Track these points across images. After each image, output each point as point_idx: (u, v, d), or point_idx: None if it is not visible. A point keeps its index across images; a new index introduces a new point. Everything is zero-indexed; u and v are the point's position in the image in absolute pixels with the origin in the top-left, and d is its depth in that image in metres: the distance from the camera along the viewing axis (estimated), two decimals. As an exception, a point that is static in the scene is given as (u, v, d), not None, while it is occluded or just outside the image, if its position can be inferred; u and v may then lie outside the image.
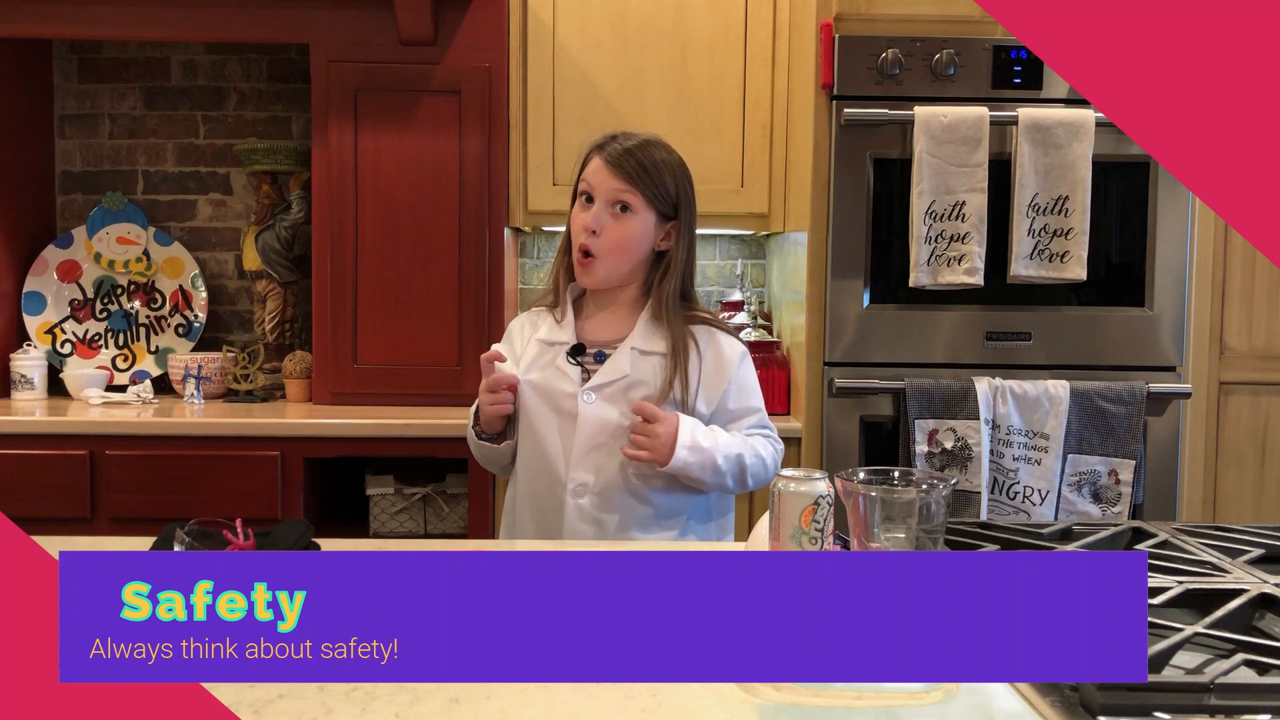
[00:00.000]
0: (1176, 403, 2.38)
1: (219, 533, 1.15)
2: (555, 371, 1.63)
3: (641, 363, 1.63)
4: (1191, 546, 1.29)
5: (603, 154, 1.62)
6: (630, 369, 1.61)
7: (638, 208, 1.61)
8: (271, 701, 0.87)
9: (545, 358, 1.65)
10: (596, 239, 1.60)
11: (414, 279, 2.63)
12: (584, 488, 1.60)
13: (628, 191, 1.60)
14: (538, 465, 1.63)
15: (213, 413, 2.55)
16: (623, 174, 1.59)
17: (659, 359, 1.63)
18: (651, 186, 1.61)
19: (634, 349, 1.63)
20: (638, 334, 1.64)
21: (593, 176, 1.62)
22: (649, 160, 1.61)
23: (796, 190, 2.57)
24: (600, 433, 1.60)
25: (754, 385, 1.72)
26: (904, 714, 0.86)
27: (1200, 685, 0.83)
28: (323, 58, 2.61)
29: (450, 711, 0.85)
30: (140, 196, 3.00)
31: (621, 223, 1.61)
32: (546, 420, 1.62)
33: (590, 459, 1.60)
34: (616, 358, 1.63)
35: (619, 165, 1.60)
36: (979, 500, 2.27)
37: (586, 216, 1.61)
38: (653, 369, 1.63)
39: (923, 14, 2.36)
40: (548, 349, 1.65)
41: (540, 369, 1.64)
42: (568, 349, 1.64)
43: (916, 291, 2.33)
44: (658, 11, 2.71)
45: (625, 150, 1.61)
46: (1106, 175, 2.36)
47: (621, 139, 1.64)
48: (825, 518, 1.15)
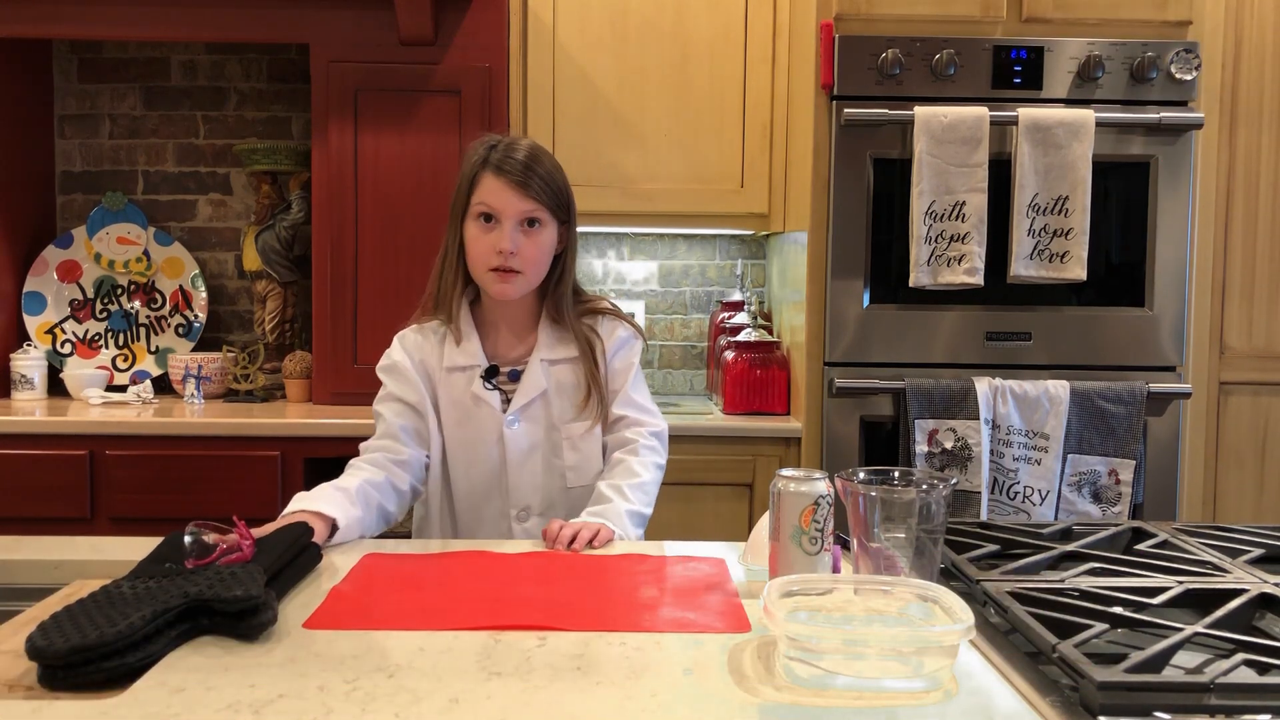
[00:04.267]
0: (1176, 403, 2.38)
1: (225, 530, 1.16)
2: (473, 400, 1.61)
3: (554, 372, 1.63)
4: (1191, 546, 1.29)
5: (501, 174, 1.55)
6: (545, 381, 1.62)
7: (545, 221, 1.58)
8: (271, 701, 0.86)
9: (459, 385, 1.62)
10: (514, 257, 1.55)
11: (414, 279, 2.63)
12: (527, 511, 1.62)
13: (537, 209, 1.56)
14: (474, 493, 1.63)
15: (213, 413, 2.55)
16: (531, 194, 1.55)
17: (568, 365, 1.63)
18: (554, 199, 1.58)
19: (543, 360, 1.62)
20: (543, 344, 1.63)
21: (494, 198, 1.55)
22: (545, 172, 1.57)
23: (796, 190, 2.57)
24: (531, 454, 1.61)
25: (630, 369, 1.67)
26: (904, 714, 0.86)
27: (1200, 685, 0.83)
28: (323, 58, 2.60)
29: (450, 711, 0.85)
30: (140, 196, 3.00)
31: (533, 237, 1.57)
32: (474, 450, 1.61)
33: (527, 482, 1.61)
34: (530, 374, 1.62)
35: (525, 185, 1.54)
36: (979, 500, 2.27)
37: (496, 238, 1.55)
38: (566, 375, 1.63)
39: (923, 14, 2.36)
40: (459, 374, 1.62)
41: (455, 400, 1.61)
42: (481, 373, 1.62)
43: (916, 291, 2.33)
44: (658, 11, 2.71)
45: (524, 166, 1.55)
46: (1106, 175, 2.36)
47: (505, 150, 1.57)
48: (825, 518, 1.15)
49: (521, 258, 1.56)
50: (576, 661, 0.97)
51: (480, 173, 1.57)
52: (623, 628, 1.06)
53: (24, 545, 1.37)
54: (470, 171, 1.58)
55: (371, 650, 0.99)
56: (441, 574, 1.25)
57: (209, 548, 1.13)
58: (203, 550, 1.13)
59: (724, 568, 1.30)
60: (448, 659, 0.97)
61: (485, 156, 1.57)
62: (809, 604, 1.04)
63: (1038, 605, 1.04)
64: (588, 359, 1.63)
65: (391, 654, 0.98)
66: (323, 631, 1.04)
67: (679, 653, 0.99)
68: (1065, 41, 2.33)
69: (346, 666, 0.94)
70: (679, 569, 1.29)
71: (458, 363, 1.62)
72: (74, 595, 1.15)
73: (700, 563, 1.32)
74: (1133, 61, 2.33)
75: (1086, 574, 1.17)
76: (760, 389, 2.63)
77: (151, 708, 0.85)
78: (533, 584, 1.22)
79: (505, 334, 1.66)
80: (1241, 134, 2.54)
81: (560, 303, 1.64)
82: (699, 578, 1.25)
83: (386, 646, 1.00)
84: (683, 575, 1.26)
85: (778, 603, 0.98)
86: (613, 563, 1.32)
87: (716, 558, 1.35)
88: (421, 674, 0.93)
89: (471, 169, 1.58)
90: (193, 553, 1.12)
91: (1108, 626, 0.98)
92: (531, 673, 0.94)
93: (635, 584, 1.23)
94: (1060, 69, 2.34)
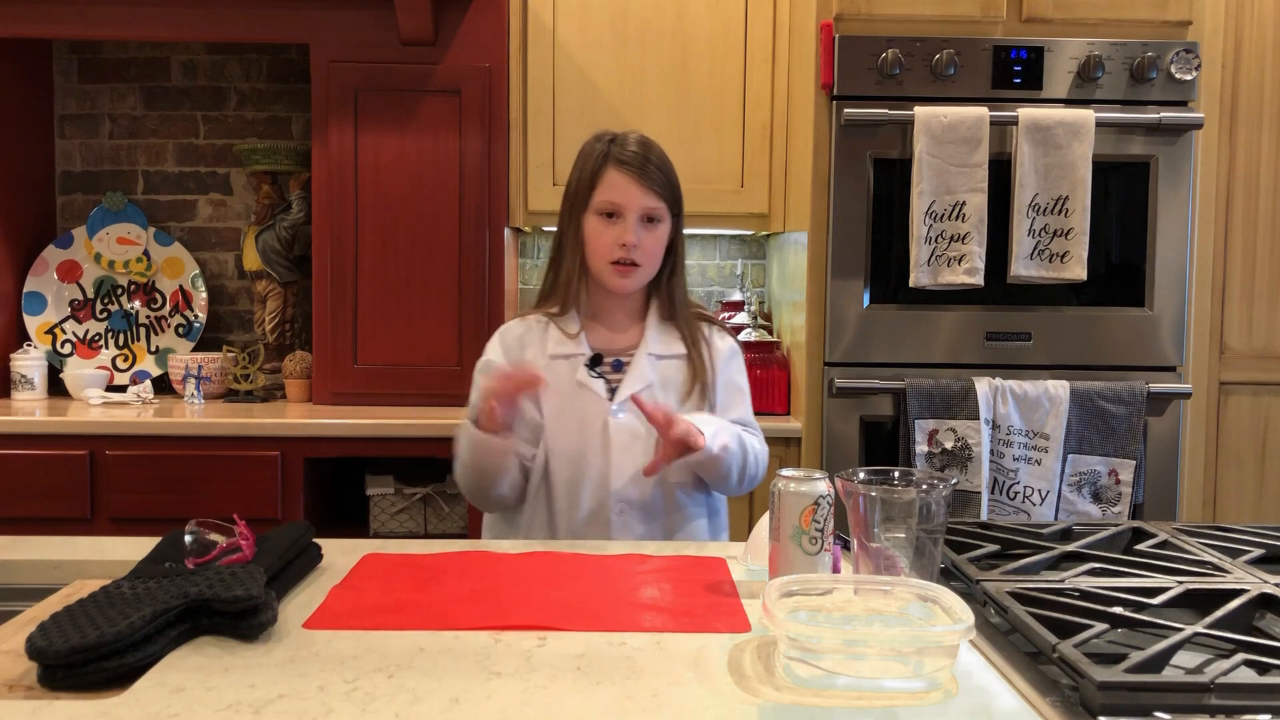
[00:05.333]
0: (1176, 403, 2.38)
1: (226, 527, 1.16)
2: (577, 388, 1.60)
3: (660, 367, 1.62)
4: (1191, 546, 1.29)
5: (624, 168, 1.58)
6: (652, 375, 1.60)
7: (664, 215, 1.61)
8: (271, 702, 0.86)
9: (562, 373, 1.60)
10: (636, 250, 1.58)
11: (414, 279, 2.63)
12: (628, 504, 1.58)
13: (659, 206, 1.59)
14: (573, 485, 1.58)
15: (213, 413, 2.55)
16: (654, 190, 1.58)
17: (675, 361, 1.63)
18: (673, 194, 1.61)
19: (650, 354, 1.62)
20: (651, 339, 1.63)
21: (619, 194, 1.58)
22: (664, 166, 1.60)
23: (796, 190, 2.57)
24: (633, 444, 1.57)
25: (744, 384, 1.70)
26: (904, 714, 0.86)
27: (1200, 685, 0.83)
28: (323, 58, 2.61)
29: (450, 711, 0.85)
30: (140, 196, 3.00)
31: (653, 232, 1.60)
32: (576, 439, 1.58)
33: (630, 474, 1.57)
34: (638, 366, 1.61)
35: (650, 180, 1.58)
36: (979, 500, 2.27)
37: (619, 232, 1.57)
38: (672, 372, 1.62)
39: (923, 14, 2.36)
40: (562, 362, 1.61)
41: (557, 387, 1.59)
42: (586, 360, 1.61)
43: (916, 291, 2.33)
44: (658, 11, 2.71)
45: (646, 159, 1.58)
46: (1106, 175, 2.36)
47: (626, 143, 1.60)
48: (825, 518, 1.15)
49: (642, 251, 1.58)
50: (577, 661, 0.97)
51: (603, 168, 1.59)
52: (623, 628, 1.06)
53: (24, 545, 1.37)
54: (592, 166, 1.60)
55: (371, 650, 0.99)
56: (441, 574, 1.25)
57: (209, 547, 1.13)
58: (203, 550, 1.13)
59: (724, 568, 1.30)
60: (448, 659, 0.97)
61: (607, 151, 1.60)
62: (809, 604, 1.03)
63: (1038, 605, 1.04)
64: (696, 360, 1.63)
65: (391, 654, 0.98)
66: (323, 631, 1.04)
67: (679, 653, 0.99)
68: (1065, 41, 2.33)
69: (346, 666, 0.94)
70: (679, 569, 1.29)
71: (562, 350, 1.62)
72: (74, 595, 1.15)
73: (700, 563, 1.32)
74: (1133, 61, 2.33)
75: (1086, 574, 1.17)
76: (760, 389, 2.62)
77: (151, 708, 0.85)
78: (533, 584, 1.22)
79: (611, 326, 1.66)
80: (1241, 134, 2.54)
81: (674, 297, 1.65)
82: (699, 578, 1.25)
83: (386, 646, 1.00)
84: (683, 575, 1.26)
85: (778, 603, 0.98)
86: (613, 563, 1.32)
87: (716, 558, 1.35)
88: (421, 674, 0.93)
89: (593, 164, 1.60)
90: (193, 552, 1.13)
91: (1108, 626, 0.98)
92: (532, 673, 0.94)
93: (635, 584, 1.23)
94: (1060, 69, 2.34)
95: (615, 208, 1.58)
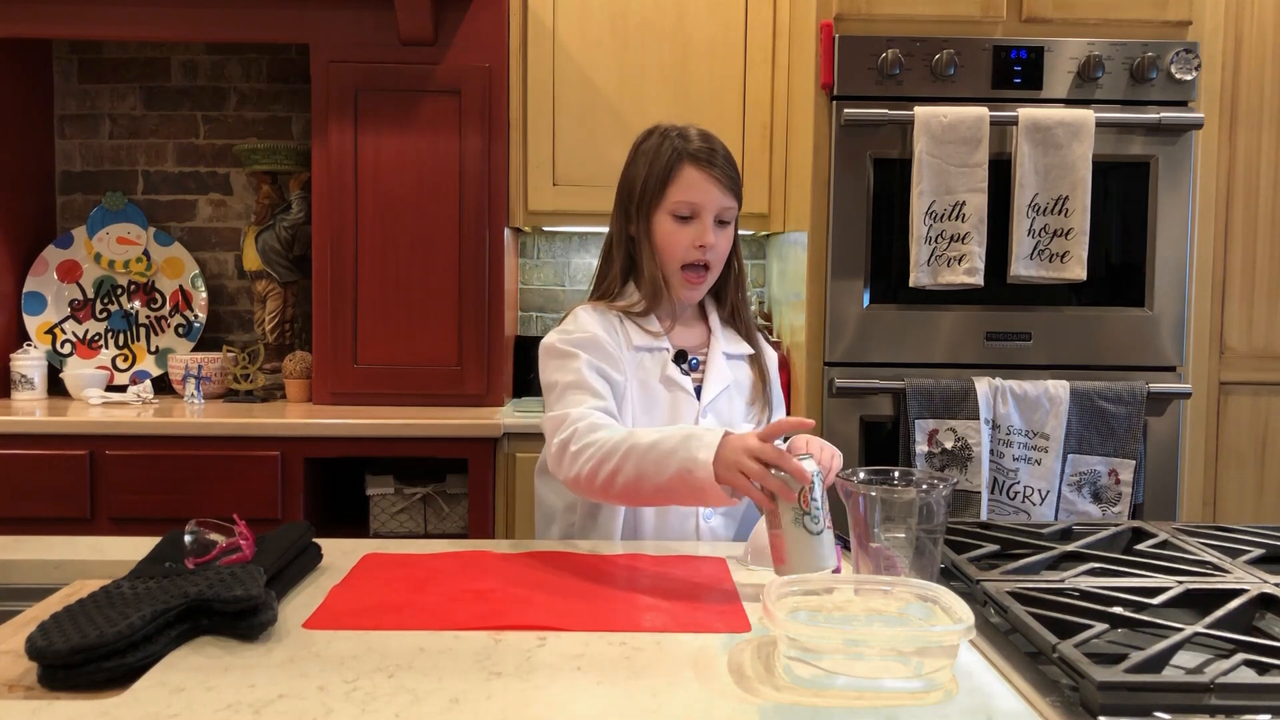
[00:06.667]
0: (1176, 403, 2.38)
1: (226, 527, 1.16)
2: (664, 383, 1.54)
3: (730, 366, 1.60)
4: (1191, 546, 1.29)
5: (702, 166, 1.51)
6: (730, 375, 1.59)
7: (734, 216, 1.57)
8: (271, 702, 0.86)
9: (647, 367, 1.54)
10: (711, 251, 1.52)
11: (414, 279, 2.63)
12: (714, 507, 1.51)
13: (733, 206, 1.54)
14: None
15: (213, 413, 2.55)
16: (731, 190, 1.53)
17: (743, 362, 1.62)
18: (740, 192, 1.56)
19: (723, 353, 1.60)
20: (721, 339, 1.61)
21: (698, 194, 1.50)
22: (732, 161, 1.55)
23: (796, 190, 2.57)
24: None
25: (780, 393, 1.70)
26: (904, 714, 0.86)
27: (1200, 685, 0.83)
28: (323, 58, 2.61)
29: (450, 711, 0.85)
30: (140, 196, 3.00)
31: (724, 233, 1.55)
32: None
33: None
34: (715, 365, 1.58)
35: (729, 180, 1.52)
36: (979, 500, 2.27)
37: (697, 232, 1.51)
38: (741, 372, 1.61)
39: (923, 14, 2.36)
40: (647, 355, 1.55)
41: (643, 381, 1.53)
42: (672, 356, 1.56)
43: (916, 291, 2.33)
44: (658, 11, 2.71)
45: (722, 155, 1.52)
46: (1106, 175, 2.36)
47: (702, 139, 1.52)
48: (821, 495, 1.15)
49: (716, 252, 1.54)
50: (577, 661, 0.97)
51: (679, 165, 1.51)
52: (623, 628, 1.06)
53: (24, 545, 1.37)
54: (665, 163, 1.51)
55: (371, 650, 0.99)
56: (441, 574, 1.25)
57: (209, 547, 1.13)
58: (203, 549, 1.13)
59: (724, 568, 1.30)
60: (448, 659, 0.97)
61: (678, 148, 1.51)
62: (809, 604, 1.03)
63: (1038, 605, 1.04)
64: (758, 361, 1.62)
65: (391, 654, 0.98)
66: (323, 631, 1.04)
67: (679, 653, 0.99)
68: (1065, 41, 2.33)
69: (346, 666, 0.94)
70: (679, 569, 1.29)
71: (646, 342, 1.55)
72: (74, 595, 1.15)
73: (700, 563, 1.32)
74: (1133, 61, 2.33)
75: (1086, 574, 1.17)
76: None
77: (151, 708, 0.85)
78: (533, 584, 1.22)
79: (682, 323, 1.62)
80: (1241, 134, 2.53)
81: (740, 297, 1.62)
82: (699, 578, 1.25)
83: (386, 646, 1.00)
84: (683, 575, 1.27)
85: (778, 603, 0.98)
86: (613, 563, 1.32)
87: (716, 557, 1.35)
88: (421, 674, 0.93)
89: (665, 161, 1.51)
90: (193, 552, 1.13)
91: (1108, 626, 0.98)
92: (532, 673, 0.94)
93: (636, 584, 1.23)
94: (1060, 69, 2.34)
95: (694, 209, 1.51)
